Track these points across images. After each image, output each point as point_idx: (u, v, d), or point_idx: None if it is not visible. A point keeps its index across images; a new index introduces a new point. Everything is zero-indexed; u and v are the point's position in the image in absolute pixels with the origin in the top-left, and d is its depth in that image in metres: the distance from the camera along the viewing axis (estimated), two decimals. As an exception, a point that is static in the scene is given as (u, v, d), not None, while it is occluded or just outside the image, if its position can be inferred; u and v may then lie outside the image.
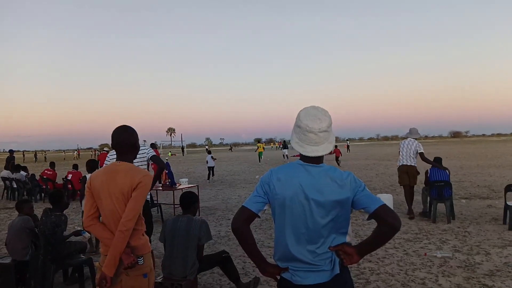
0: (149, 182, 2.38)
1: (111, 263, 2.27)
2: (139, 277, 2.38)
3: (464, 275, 4.46)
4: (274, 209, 1.92)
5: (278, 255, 1.94)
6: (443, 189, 7.20)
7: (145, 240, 2.48)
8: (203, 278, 4.61)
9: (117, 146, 2.45)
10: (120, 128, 2.48)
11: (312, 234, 1.83)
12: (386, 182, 13.98)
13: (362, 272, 4.68)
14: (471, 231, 6.44)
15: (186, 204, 3.99)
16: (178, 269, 3.70)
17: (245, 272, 4.83)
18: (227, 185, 15.02)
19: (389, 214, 1.73)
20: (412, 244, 5.81)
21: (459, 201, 9.31)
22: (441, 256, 5.15)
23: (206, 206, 10.04)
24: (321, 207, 1.81)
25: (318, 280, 1.82)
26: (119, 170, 2.37)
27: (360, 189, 1.83)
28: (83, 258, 4.55)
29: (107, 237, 2.36)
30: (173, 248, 3.76)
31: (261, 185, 1.96)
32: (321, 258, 1.83)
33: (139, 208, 2.34)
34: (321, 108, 1.96)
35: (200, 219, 3.88)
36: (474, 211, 8.15)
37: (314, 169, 1.88)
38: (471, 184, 12.55)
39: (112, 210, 2.35)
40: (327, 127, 1.89)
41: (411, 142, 8.01)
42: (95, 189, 2.39)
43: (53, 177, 12.92)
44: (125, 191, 2.32)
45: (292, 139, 1.98)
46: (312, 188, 1.83)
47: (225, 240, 6.45)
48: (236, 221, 1.89)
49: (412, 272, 4.62)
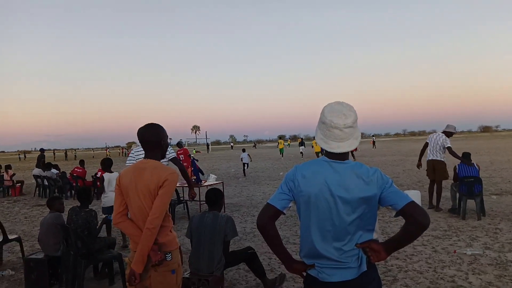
0: (175, 180, 2.41)
1: (139, 259, 2.32)
2: (167, 273, 2.42)
3: (495, 273, 4.34)
4: (299, 206, 1.92)
5: (304, 252, 1.94)
6: (473, 185, 7.03)
7: (172, 237, 2.51)
8: (229, 274, 4.65)
9: (143, 143, 2.50)
10: (146, 126, 2.52)
11: (338, 231, 1.82)
12: (413, 178, 13.72)
13: (389, 269, 4.62)
14: (502, 228, 6.26)
15: (212, 200, 4.02)
16: (205, 265, 3.74)
17: (271, 268, 4.84)
18: (252, 181, 15.06)
19: (418, 211, 1.70)
20: (441, 241, 5.69)
21: (490, 197, 9.06)
22: (471, 253, 5.03)
23: (231, 203, 10.11)
24: (347, 204, 1.80)
25: (345, 277, 1.81)
26: (146, 167, 2.41)
27: (387, 185, 1.80)
28: (112, 254, 4.66)
29: (136, 234, 2.41)
30: (199, 244, 3.80)
31: (286, 182, 1.95)
32: (348, 255, 1.82)
33: (166, 206, 2.38)
34: (346, 104, 1.93)
35: (226, 216, 3.91)
36: (505, 207, 7.92)
37: (340, 165, 1.86)
38: (502, 179, 12.18)
39: (139, 207, 2.39)
40: (353, 122, 1.86)
41: (439, 136, 7.92)
42: (124, 187, 2.45)
43: (83, 174, 13.25)
44: (151, 189, 2.35)
45: (316, 136, 1.97)
46: (338, 185, 1.81)
47: (251, 236, 6.48)
48: (261, 218, 1.90)
49: (441, 270, 4.53)
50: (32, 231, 7.74)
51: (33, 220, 9.06)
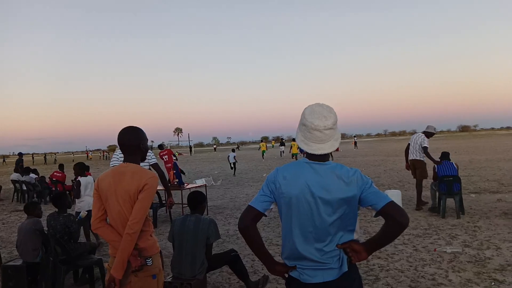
0: (155, 184, 2.38)
1: (119, 265, 2.28)
2: (148, 278, 2.39)
3: (474, 270, 4.43)
4: (281, 208, 1.92)
5: (286, 254, 1.94)
6: (452, 184, 7.16)
7: (153, 241, 2.47)
8: (212, 277, 4.63)
9: (122, 147, 2.46)
10: (125, 129, 2.48)
11: (319, 232, 1.83)
12: (395, 178, 13.90)
13: (371, 268, 4.67)
14: (481, 226, 6.39)
15: (194, 203, 4.00)
16: (187, 269, 3.71)
17: (254, 270, 4.84)
18: (235, 183, 15.04)
19: (397, 211, 1.72)
20: (422, 240, 5.78)
21: (469, 195, 9.24)
22: (451, 251, 5.12)
23: (214, 205, 10.07)
24: (328, 205, 1.81)
25: (326, 278, 1.82)
26: (126, 171, 2.37)
27: (367, 186, 1.82)
28: (93, 259, 4.58)
29: (115, 239, 2.37)
30: (182, 247, 3.77)
31: (267, 184, 1.95)
32: (329, 256, 1.83)
33: (146, 210, 2.34)
34: (326, 105, 1.94)
35: (208, 218, 3.89)
36: (483, 205, 8.09)
37: (320, 167, 1.87)
38: (480, 178, 12.45)
39: (119, 212, 2.35)
40: (333, 124, 1.87)
41: (419, 136, 8.19)
42: (103, 191, 2.40)
43: (62, 179, 13.02)
44: (131, 193, 2.32)
45: (297, 137, 1.98)
46: (319, 186, 1.82)
47: (234, 238, 6.46)
48: (243, 220, 1.90)
49: (422, 268, 4.60)
50: (10, 237, 7.57)
51: (11, 226, 8.87)
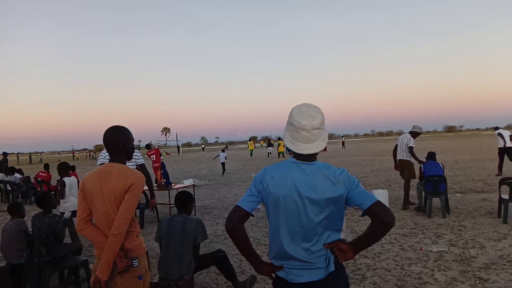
0: (142, 184, 2.35)
1: (104, 267, 2.25)
2: (134, 279, 2.36)
3: (459, 269, 4.48)
4: (268, 208, 1.91)
5: (273, 254, 1.94)
6: (438, 183, 7.24)
7: (139, 242, 2.45)
8: (200, 278, 4.61)
9: (108, 146, 2.43)
10: (111, 128, 2.45)
11: (306, 232, 1.83)
12: (382, 177, 14.02)
13: (358, 268, 4.70)
14: (466, 225, 6.47)
15: (181, 203, 3.98)
16: (174, 269, 3.69)
17: (242, 270, 4.83)
18: (223, 183, 15.01)
19: (383, 211, 1.73)
20: (408, 239, 5.83)
21: (454, 195, 9.35)
22: (436, 250, 5.17)
23: (202, 205, 10.03)
24: (315, 205, 1.81)
25: (313, 278, 1.82)
26: (112, 171, 2.35)
27: (354, 186, 1.83)
28: (78, 260, 4.53)
29: (101, 240, 2.34)
30: (169, 248, 3.75)
31: (255, 184, 1.95)
32: (316, 256, 1.83)
33: (132, 211, 2.32)
34: (313, 105, 1.94)
35: (195, 219, 3.88)
36: (469, 205, 8.19)
37: (308, 167, 1.87)
38: (465, 178, 12.61)
39: (105, 213, 2.33)
40: (320, 124, 1.88)
41: (405, 136, 8.31)
42: (88, 192, 2.37)
43: (48, 179, 12.85)
44: (117, 193, 2.29)
45: (285, 137, 1.98)
46: (306, 186, 1.82)
47: (222, 239, 6.45)
48: (230, 220, 1.88)
49: (408, 267, 4.64)
50: (-7, 239, 7.43)
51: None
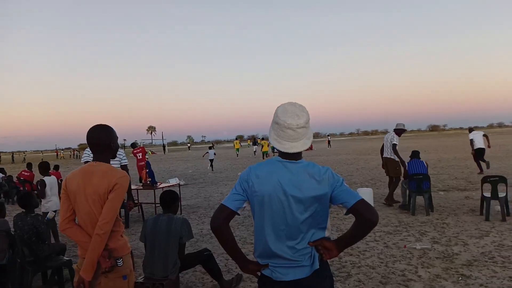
0: (126, 184, 2.33)
1: (88, 267, 2.23)
2: (118, 279, 2.34)
3: (442, 266, 4.55)
4: (254, 206, 1.91)
5: (258, 252, 1.94)
6: (422, 182, 7.33)
7: (124, 241, 2.43)
8: (185, 277, 4.59)
9: (92, 146, 2.40)
10: (95, 127, 2.42)
11: (291, 230, 1.84)
12: (367, 176, 14.14)
13: (343, 265, 4.73)
14: (449, 223, 6.57)
15: (167, 203, 3.96)
16: (160, 269, 3.66)
17: (228, 269, 4.83)
18: (209, 182, 14.97)
19: (367, 209, 1.75)
20: (392, 237, 5.90)
21: (438, 193, 9.49)
22: (420, 247, 5.24)
23: (188, 204, 9.99)
24: (300, 203, 1.82)
25: (298, 276, 1.83)
26: (95, 171, 2.32)
27: (338, 184, 1.84)
28: (62, 260, 4.47)
29: (85, 240, 2.31)
30: (154, 247, 3.72)
31: (240, 182, 1.94)
32: (301, 254, 1.84)
33: (116, 210, 2.30)
34: (298, 104, 1.95)
35: (181, 218, 3.86)
36: (452, 203, 8.32)
37: (293, 165, 1.88)
38: (449, 176, 12.80)
39: (88, 212, 2.30)
40: (305, 123, 1.88)
41: (390, 135, 8.45)
42: (71, 191, 2.34)
43: (31, 178, 12.65)
44: (101, 193, 2.27)
45: (270, 136, 1.98)
46: (291, 184, 1.83)
47: (208, 238, 6.43)
48: (215, 219, 1.88)
49: (392, 264, 4.70)
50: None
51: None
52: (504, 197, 6.59)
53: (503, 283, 3.99)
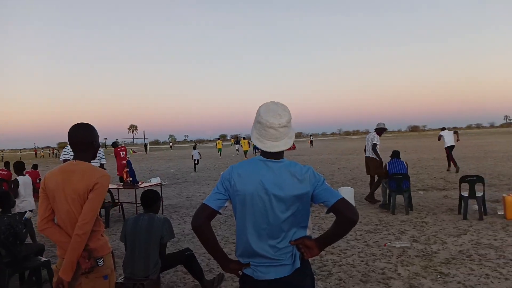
0: (107, 183, 2.30)
1: (68, 267, 2.19)
2: (99, 279, 2.31)
3: (421, 264, 4.63)
4: (235, 206, 1.91)
5: (240, 251, 1.94)
6: (402, 181, 7.44)
7: (104, 241, 2.40)
8: (167, 277, 4.56)
9: (73, 144, 2.36)
10: (77, 125, 2.39)
11: (273, 229, 1.84)
12: (348, 175, 14.28)
13: (324, 264, 4.77)
14: (428, 221, 6.69)
15: (148, 202, 3.92)
16: (140, 269, 3.63)
17: (210, 269, 4.81)
18: (192, 182, 14.89)
19: (347, 208, 1.76)
20: (373, 236, 5.97)
21: (417, 192, 9.64)
22: (400, 246, 5.32)
23: (170, 204, 9.92)
24: (281, 202, 1.82)
25: (279, 275, 1.84)
26: (75, 170, 2.28)
27: (319, 183, 1.85)
28: (40, 261, 4.39)
29: (64, 241, 2.27)
30: (134, 247, 3.69)
31: (222, 181, 1.94)
32: (282, 253, 1.85)
33: (97, 210, 2.27)
34: (280, 104, 1.96)
35: (162, 217, 3.83)
36: (431, 202, 8.47)
37: (275, 164, 1.88)
38: (428, 176, 13.02)
39: (68, 212, 2.26)
40: (287, 122, 1.89)
41: (371, 134, 8.57)
42: (50, 190, 2.30)
43: (8, 177, 12.30)
44: (81, 193, 2.23)
45: (252, 135, 1.98)
46: (273, 183, 1.83)
47: (190, 237, 6.40)
48: (196, 218, 1.86)
49: (373, 263, 4.75)
50: None
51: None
52: (482, 197, 6.74)
53: (480, 280, 4.08)
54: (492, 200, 8.06)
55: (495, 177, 11.77)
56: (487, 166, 15.03)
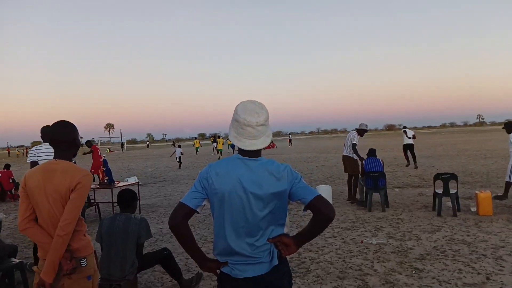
0: (89, 183, 2.27)
1: (50, 269, 2.16)
2: (82, 280, 2.29)
3: (397, 260, 4.71)
4: (213, 204, 1.90)
5: (218, 250, 1.93)
6: (378, 179, 7.56)
7: (87, 241, 2.37)
8: (144, 277, 4.51)
9: (54, 143, 2.32)
10: (59, 123, 2.35)
11: (251, 227, 1.84)
12: (326, 173, 14.43)
13: (302, 261, 4.81)
14: (403, 218, 6.82)
15: (124, 202, 3.87)
16: (117, 269, 3.58)
17: (188, 268, 4.79)
18: (170, 181, 14.76)
19: (324, 205, 1.78)
20: (350, 233, 6.05)
21: (393, 190, 9.82)
22: (376, 243, 5.41)
23: (147, 204, 9.81)
24: (259, 200, 1.83)
25: (257, 272, 1.84)
26: (56, 169, 2.24)
27: (297, 181, 1.87)
28: (13, 262, 4.28)
29: (46, 241, 2.23)
30: (110, 247, 3.63)
31: (200, 180, 1.93)
32: (260, 250, 1.85)
33: (79, 210, 2.23)
34: (258, 102, 1.96)
35: (139, 217, 3.79)
36: (406, 199, 8.64)
37: (253, 162, 1.89)
38: (403, 174, 13.27)
39: (49, 212, 2.22)
40: (265, 120, 1.90)
41: (351, 133, 8.63)
42: (30, 190, 2.25)
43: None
44: (62, 192, 2.19)
45: (230, 134, 1.97)
46: (251, 181, 1.84)
47: (168, 237, 6.34)
48: (174, 217, 1.85)
49: (350, 259, 4.82)
50: None
51: None
52: (455, 194, 6.92)
53: (453, 275, 4.18)
54: (465, 197, 8.29)
55: (468, 174, 12.09)
56: (460, 164, 15.42)
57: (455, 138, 43.28)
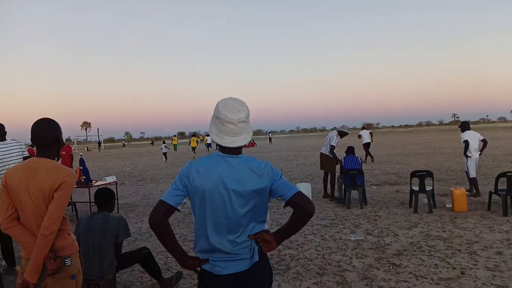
0: (73, 182, 2.23)
1: (33, 269, 2.11)
2: (66, 279, 2.25)
3: (375, 256, 4.79)
4: (194, 202, 1.89)
5: (199, 247, 1.92)
6: (356, 176, 7.66)
7: (71, 240, 2.33)
8: (123, 277, 4.46)
9: (37, 140, 2.27)
10: (41, 121, 2.31)
11: (232, 224, 1.84)
12: (306, 171, 14.53)
13: (283, 258, 4.84)
14: (381, 215, 6.93)
15: (102, 201, 3.81)
16: (95, 269, 3.53)
17: (168, 267, 4.75)
18: (149, 180, 14.61)
19: (304, 201, 1.80)
20: (329, 230, 6.11)
21: (371, 187, 9.98)
22: (354, 239, 5.48)
23: (126, 203, 9.69)
24: (240, 197, 1.83)
25: (238, 269, 1.84)
26: (39, 167, 2.20)
27: (277, 177, 1.88)
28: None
29: (29, 241, 2.18)
30: (88, 247, 3.58)
31: (180, 178, 1.91)
32: (241, 247, 1.85)
33: (63, 210, 2.20)
34: (239, 99, 1.96)
35: (117, 216, 3.74)
36: (384, 196, 8.78)
37: (234, 160, 1.88)
38: (381, 171, 13.49)
39: (32, 211, 2.18)
40: (246, 117, 1.90)
41: (331, 133, 8.74)
42: (12, 188, 2.20)
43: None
44: (46, 191, 2.15)
45: (211, 131, 1.97)
46: (232, 179, 1.84)
47: (147, 236, 6.29)
48: (154, 215, 1.83)
49: (329, 256, 4.87)
50: None
51: None
52: (431, 191, 7.07)
53: (430, 270, 4.28)
54: (441, 194, 8.48)
55: (443, 172, 12.37)
56: (436, 161, 15.77)
57: (431, 137, 44.21)
